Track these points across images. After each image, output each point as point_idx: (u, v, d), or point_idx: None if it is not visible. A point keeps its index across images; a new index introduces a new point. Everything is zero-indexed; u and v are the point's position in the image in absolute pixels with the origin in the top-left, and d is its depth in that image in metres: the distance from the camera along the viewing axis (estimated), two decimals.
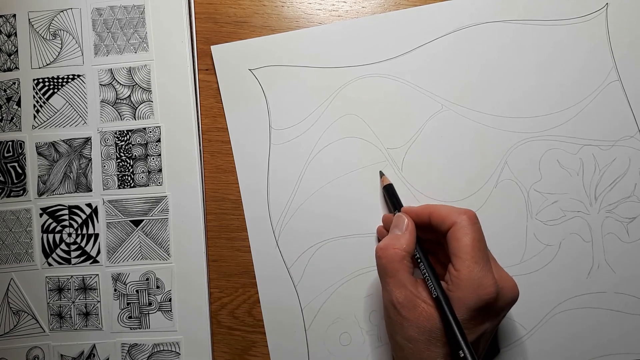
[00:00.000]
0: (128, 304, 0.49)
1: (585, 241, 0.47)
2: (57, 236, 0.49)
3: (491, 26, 0.48)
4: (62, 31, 0.50)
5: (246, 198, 0.49)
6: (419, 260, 0.40)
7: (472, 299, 0.35)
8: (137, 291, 0.49)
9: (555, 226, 0.47)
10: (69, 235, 0.49)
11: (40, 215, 0.49)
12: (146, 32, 0.49)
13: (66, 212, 0.49)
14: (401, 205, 0.44)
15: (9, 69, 0.50)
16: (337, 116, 0.48)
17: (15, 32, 0.50)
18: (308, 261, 0.48)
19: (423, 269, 0.39)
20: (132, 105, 0.49)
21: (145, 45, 0.49)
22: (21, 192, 0.49)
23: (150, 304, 0.48)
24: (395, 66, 0.48)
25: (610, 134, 0.47)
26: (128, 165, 0.49)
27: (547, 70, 0.48)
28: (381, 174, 0.47)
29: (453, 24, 0.48)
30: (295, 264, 0.48)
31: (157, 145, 0.49)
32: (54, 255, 0.49)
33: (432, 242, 0.43)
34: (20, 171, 0.49)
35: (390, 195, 0.46)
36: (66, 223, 0.49)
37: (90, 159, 0.49)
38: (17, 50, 0.50)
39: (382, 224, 0.47)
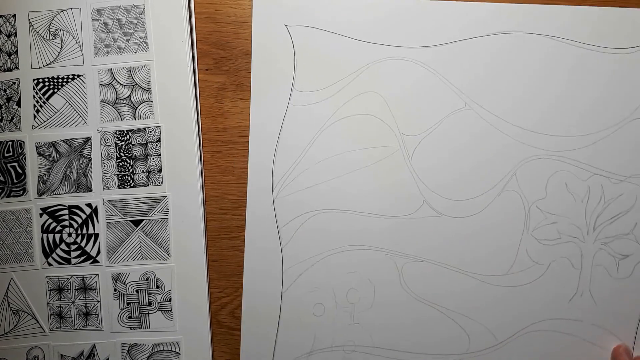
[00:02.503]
0: (128, 304, 0.49)
1: (575, 267, 0.47)
2: (57, 236, 0.49)
3: (531, 37, 0.47)
4: (62, 31, 0.50)
5: (254, 143, 0.48)
6: None
7: None
8: (137, 291, 0.49)
9: (549, 246, 0.47)
10: (69, 235, 0.49)
11: (40, 215, 0.49)
12: (146, 32, 0.49)
13: (66, 212, 0.49)
14: None
15: (9, 69, 0.50)
16: (361, 91, 0.48)
17: (15, 32, 0.50)
18: (300, 226, 0.48)
19: None
20: (132, 105, 0.49)
21: (145, 45, 0.49)
22: (21, 192, 0.49)
23: (150, 304, 0.48)
24: (429, 55, 0.48)
25: (623, 169, 0.47)
26: (128, 165, 0.49)
27: (576, 92, 0.47)
28: None
29: (495, 27, 0.47)
30: (287, 225, 0.48)
31: (157, 145, 0.49)
32: (54, 255, 0.49)
33: None
34: (20, 171, 0.49)
35: None
36: (66, 223, 0.49)
37: (90, 159, 0.49)
38: (17, 50, 0.50)
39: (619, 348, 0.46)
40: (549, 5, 0.47)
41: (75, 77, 0.49)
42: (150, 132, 0.49)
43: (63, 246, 0.49)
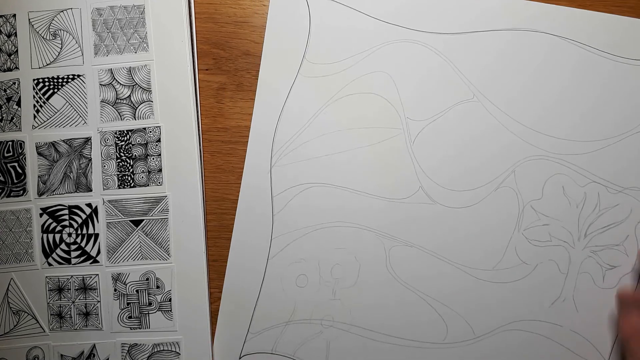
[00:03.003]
0: (128, 304, 0.49)
1: (561, 272, 0.47)
2: (57, 236, 0.49)
3: (545, 37, 0.47)
4: (62, 31, 0.50)
5: (258, 107, 0.48)
6: None
7: None
8: (137, 291, 0.49)
9: (538, 247, 0.47)
10: (69, 235, 0.49)
11: (40, 215, 0.49)
12: (146, 32, 0.49)
13: (66, 212, 0.49)
14: None
15: (9, 69, 0.50)
16: (371, 70, 0.48)
17: (15, 32, 0.50)
18: (294, 196, 0.48)
19: None
20: (132, 105, 0.49)
21: (145, 45, 0.49)
22: (21, 192, 0.49)
23: (150, 304, 0.48)
24: (444, 42, 0.47)
25: (623, 179, 0.47)
26: (128, 165, 0.49)
27: (584, 97, 0.47)
28: None
29: (513, 23, 0.47)
30: (281, 194, 0.48)
31: (157, 145, 0.49)
32: (54, 255, 0.49)
33: None
34: (20, 171, 0.49)
35: None
36: (66, 223, 0.49)
37: (90, 159, 0.49)
38: (17, 50, 0.50)
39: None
40: (566, 7, 0.47)
41: (75, 77, 0.49)
42: (150, 132, 0.49)
43: (63, 246, 0.49)
